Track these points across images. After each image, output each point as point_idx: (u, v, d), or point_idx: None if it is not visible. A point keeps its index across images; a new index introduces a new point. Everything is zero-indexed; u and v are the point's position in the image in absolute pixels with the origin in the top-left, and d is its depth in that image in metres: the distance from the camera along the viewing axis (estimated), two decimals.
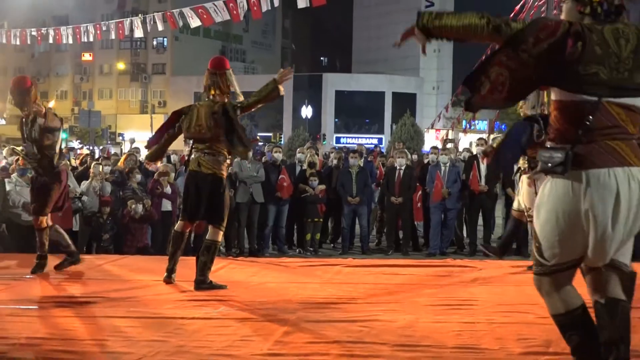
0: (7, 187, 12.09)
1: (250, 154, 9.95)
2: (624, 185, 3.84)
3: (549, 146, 4.02)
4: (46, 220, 8.59)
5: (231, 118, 7.81)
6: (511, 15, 42.36)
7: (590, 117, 3.83)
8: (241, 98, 8.12)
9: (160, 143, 8.53)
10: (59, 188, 8.63)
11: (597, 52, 3.83)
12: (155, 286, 7.98)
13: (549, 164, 3.88)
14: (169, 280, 8.03)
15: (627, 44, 3.89)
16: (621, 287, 4.08)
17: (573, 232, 3.92)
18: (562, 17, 4.11)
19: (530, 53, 3.81)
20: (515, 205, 9.57)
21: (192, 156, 8.10)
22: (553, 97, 4.04)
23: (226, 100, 8.02)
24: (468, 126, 47.47)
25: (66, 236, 8.92)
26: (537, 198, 4.13)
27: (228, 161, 8.34)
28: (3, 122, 65.53)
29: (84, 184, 12.67)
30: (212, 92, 7.99)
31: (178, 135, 8.48)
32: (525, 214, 9.01)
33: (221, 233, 8.13)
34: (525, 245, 12.81)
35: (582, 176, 3.85)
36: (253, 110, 8.19)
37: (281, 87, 7.77)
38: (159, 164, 11.23)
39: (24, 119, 8.49)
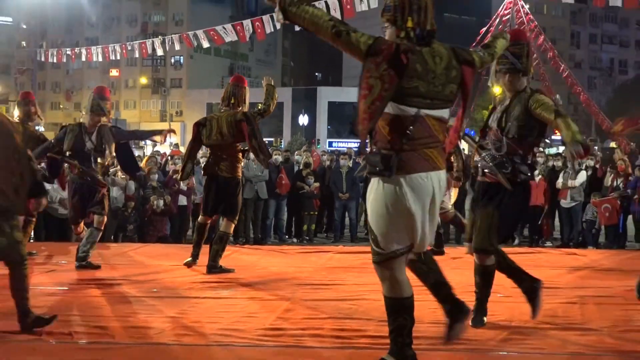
0: (47, 186, 12.08)
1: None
2: (437, 186, 4.10)
3: (375, 152, 4.09)
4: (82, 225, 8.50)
5: (253, 125, 7.77)
6: (477, 38, 42.40)
7: (412, 127, 3.97)
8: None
9: (190, 160, 8.45)
10: (107, 193, 8.50)
11: (418, 69, 3.97)
12: (173, 270, 7.98)
13: (377, 168, 3.99)
14: (192, 263, 8.05)
15: (441, 61, 4.07)
16: None
17: (401, 225, 4.04)
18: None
19: (380, 66, 3.91)
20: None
21: (210, 161, 8.08)
22: None
23: (245, 110, 8.01)
24: None
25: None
26: (369, 197, 4.16)
27: (242, 164, 8.36)
28: (42, 128, 65.34)
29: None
30: (233, 100, 7.96)
31: (200, 147, 8.50)
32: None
33: (233, 226, 8.17)
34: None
35: (405, 179, 3.98)
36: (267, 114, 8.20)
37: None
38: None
39: (85, 128, 8.11)
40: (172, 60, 72.00)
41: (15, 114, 9.19)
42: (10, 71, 64.74)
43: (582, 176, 14.07)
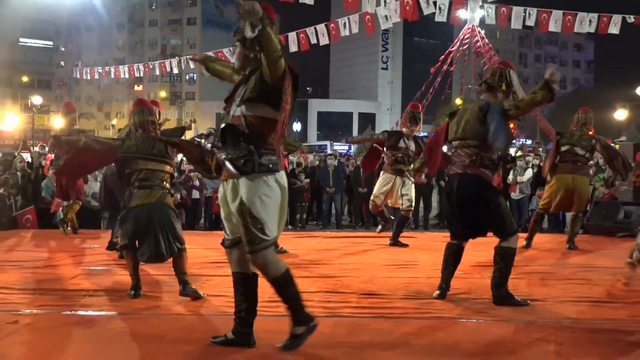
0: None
1: None
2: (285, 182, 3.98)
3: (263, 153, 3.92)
4: None
5: None
6: (441, 58, 42.39)
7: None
8: None
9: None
10: None
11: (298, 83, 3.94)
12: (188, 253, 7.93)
13: (264, 167, 3.86)
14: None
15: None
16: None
17: (276, 215, 3.95)
18: (235, 60, 4.13)
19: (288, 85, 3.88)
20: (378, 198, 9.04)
21: None
22: (253, 112, 3.89)
23: None
24: None
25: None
26: (257, 192, 3.85)
27: None
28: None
29: None
30: None
31: None
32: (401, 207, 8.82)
33: None
34: None
35: (277, 176, 3.90)
36: None
37: None
38: None
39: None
40: (187, 77, 71.85)
41: (57, 121, 9.22)
42: (51, 86, 64.37)
43: (529, 173, 14.12)
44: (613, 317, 4.83)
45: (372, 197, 8.90)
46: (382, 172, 8.94)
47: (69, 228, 9.73)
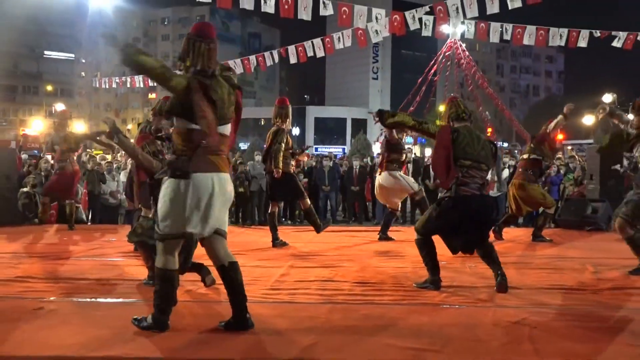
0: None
1: None
2: (217, 185, 3.97)
3: (176, 158, 4.01)
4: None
5: (273, 137, 7.91)
6: (426, 69, 42.40)
7: (204, 141, 3.93)
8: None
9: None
10: None
11: (212, 96, 3.94)
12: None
13: (177, 171, 3.93)
14: (279, 243, 7.99)
15: (228, 93, 4.05)
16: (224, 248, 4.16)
17: (179, 214, 3.94)
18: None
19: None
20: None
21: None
22: (174, 124, 4.07)
23: (287, 124, 8.07)
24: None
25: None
26: (163, 193, 4.00)
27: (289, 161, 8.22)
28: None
29: None
30: (277, 120, 7.96)
31: None
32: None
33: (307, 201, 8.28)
34: None
35: (193, 180, 3.90)
36: None
37: None
38: None
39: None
40: None
41: (78, 126, 9.31)
42: (72, 94, 64.28)
43: (505, 173, 14.17)
44: (582, 303, 4.85)
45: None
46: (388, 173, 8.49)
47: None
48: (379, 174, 8.52)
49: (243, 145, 46.76)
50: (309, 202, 8.26)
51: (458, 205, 5.08)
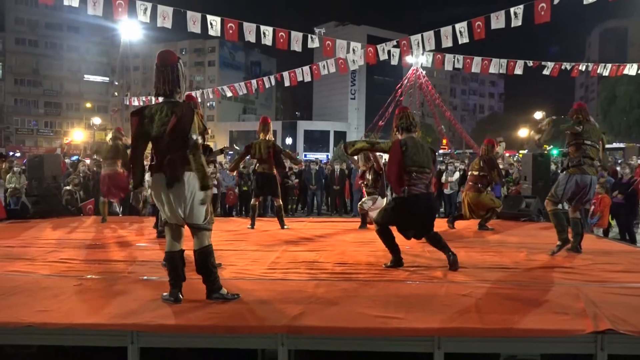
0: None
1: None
2: (163, 183, 3.91)
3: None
4: None
5: (278, 149, 8.20)
6: (394, 92, 42.45)
7: (153, 148, 3.97)
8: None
9: (236, 160, 9.01)
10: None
11: (146, 123, 3.94)
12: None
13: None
14: (252, 228, 8.24)
15: (161, 115, 3.93)
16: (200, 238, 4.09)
17: (167, 204, 3.97)
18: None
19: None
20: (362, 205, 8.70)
21: (258, 165, 8.26)
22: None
23: (273, 139, 8.33)
24: None
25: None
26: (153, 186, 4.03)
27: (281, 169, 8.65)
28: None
29: None
30: (263, 135, 8.11)
31: (246, 156, 8.87)
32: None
33: (280, 200, 8.52)
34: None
35: (160, 177, 3.92)
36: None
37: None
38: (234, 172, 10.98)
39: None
40: (207, 104, 71.38)
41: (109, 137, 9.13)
42: (107, 110, 63.71)
43: (457, 175, 14.26)
44: (517, 279, 4.86)
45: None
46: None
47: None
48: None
49: None
50: (280, 201, 8.54)
51: (409, 201, 5.10)
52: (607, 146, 11.66)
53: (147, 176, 4.33)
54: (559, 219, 6.13)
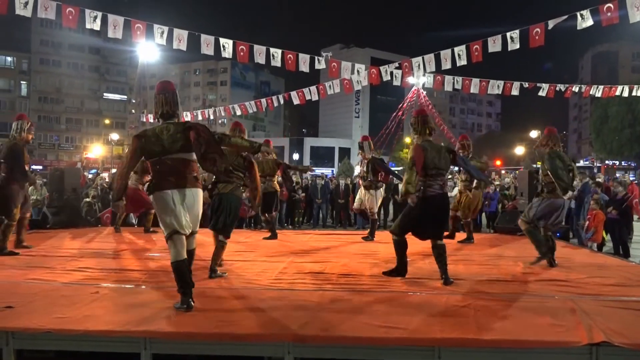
0: None
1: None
2: (176, 197, 4.04)
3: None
4: None
5: (283, 164, 8.46)
6: (397, 110, 42.49)
7: (158, 166, 4.06)
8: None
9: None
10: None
11: (152, 142, 4.06)
12: (212, 245, 7.84)
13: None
14: (275, 238, 8.47)
15: (168, 132, 4.07)
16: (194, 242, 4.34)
17: (182, 217, 4.08)
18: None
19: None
20: (356, 204, 8.86)
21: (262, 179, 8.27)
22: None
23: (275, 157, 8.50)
24: None
25: None
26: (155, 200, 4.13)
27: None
28: None
29: None
30: (265, 154, 7.95)
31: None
32: (368, 212, 8.55)
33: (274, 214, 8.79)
34: None
35: (165, 193, 4.03)
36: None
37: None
38: None
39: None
40: (219, 121, 71.77)
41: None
42: (124, 127, 64.19)
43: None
44: (514, 292, 4.82)
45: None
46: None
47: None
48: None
49: None
50: (275, 215, 8.80)
51: (426, 201, 5.11)
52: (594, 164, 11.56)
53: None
54: (533, 235, 6.26)
